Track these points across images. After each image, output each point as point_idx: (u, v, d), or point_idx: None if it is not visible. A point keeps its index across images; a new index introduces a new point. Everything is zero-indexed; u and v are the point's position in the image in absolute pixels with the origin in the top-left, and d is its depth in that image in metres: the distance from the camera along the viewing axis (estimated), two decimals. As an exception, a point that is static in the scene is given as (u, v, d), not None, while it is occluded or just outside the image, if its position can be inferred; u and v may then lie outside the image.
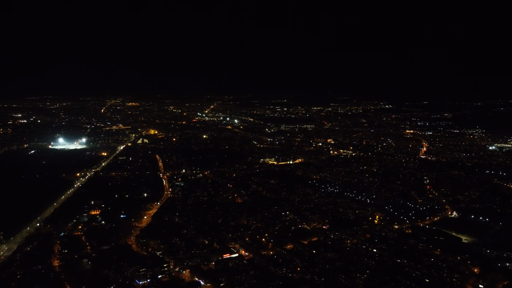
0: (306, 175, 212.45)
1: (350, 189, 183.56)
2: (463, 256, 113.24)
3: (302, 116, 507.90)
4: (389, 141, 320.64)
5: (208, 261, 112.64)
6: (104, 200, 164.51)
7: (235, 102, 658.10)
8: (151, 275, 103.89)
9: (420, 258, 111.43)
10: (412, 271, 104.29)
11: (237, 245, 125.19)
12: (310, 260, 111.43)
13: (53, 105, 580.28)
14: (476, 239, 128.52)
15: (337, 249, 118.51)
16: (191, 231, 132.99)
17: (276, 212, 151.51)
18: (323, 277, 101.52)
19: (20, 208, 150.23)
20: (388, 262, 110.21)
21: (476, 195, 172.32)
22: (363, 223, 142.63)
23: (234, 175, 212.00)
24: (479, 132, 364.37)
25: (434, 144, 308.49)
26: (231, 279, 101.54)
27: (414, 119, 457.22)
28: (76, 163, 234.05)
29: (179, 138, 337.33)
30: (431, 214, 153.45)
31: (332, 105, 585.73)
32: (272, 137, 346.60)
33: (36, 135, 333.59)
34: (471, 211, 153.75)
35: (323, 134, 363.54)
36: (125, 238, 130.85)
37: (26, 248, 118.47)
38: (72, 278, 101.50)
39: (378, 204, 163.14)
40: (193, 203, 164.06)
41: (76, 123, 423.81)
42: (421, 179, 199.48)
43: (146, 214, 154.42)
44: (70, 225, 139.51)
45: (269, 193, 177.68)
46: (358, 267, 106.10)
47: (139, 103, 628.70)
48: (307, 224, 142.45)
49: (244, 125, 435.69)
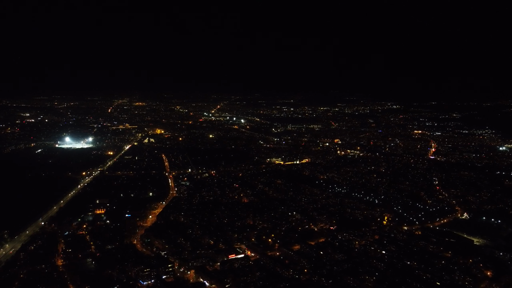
0: (313, 175, 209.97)
1: (358, 189, 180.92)
2: (475, 258, 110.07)
3: (309, 116, 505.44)
4: (397, 142, 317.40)
5: (213, 261, 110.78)
6: (109, 199, 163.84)
7: (241, 102, 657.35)
8: (156, 275, 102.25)
9: (431, 260, 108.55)
10: (423, 274, 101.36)
11: (243, 245, 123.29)
12: (318, 262, 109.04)
13: (61, 104, 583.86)
14: (488, 241, 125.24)
15: (345, 251, 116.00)
16: (197, 231, 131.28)
17: (283, 212, 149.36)
18: (331, 279, 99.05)
19: (25, 207, 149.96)
20: (398, 264, 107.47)
21: (487, 196, 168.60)
22: (371, 224, 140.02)
23: (240, 175, 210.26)
24: (488, 132, 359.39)
25: (443, 144, 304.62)
26: (237, 280, 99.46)
27: (422, 119, 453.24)
28: (82, 162, 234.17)
29: (185, 137, 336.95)
30: (441, 216, 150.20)
31: (339, 105, 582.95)
32: (279, 137, 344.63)
33: (43, 134, 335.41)
34: (482, 213, 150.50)
35: (330, 134, 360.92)
36: (130, 237, 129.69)
37: (30, 247, 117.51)
38: (75, 278, 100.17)
39: (386, 204, 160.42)
40: (198, 202, 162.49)
41: (83, 122, 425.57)
42: (430, 180, 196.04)
43: (151, 213, 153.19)
44: (75, 224, 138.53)
45: (275, 193, 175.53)
46: (367, 269, 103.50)
47: (146, 103, 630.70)
48: (314, 225, 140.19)
49: (250, 125, 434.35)
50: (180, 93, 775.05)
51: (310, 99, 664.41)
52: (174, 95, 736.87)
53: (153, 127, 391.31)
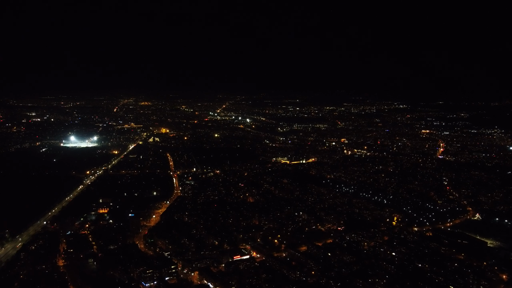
0: (320, 174, 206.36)
1: (366, 189, 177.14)
2: (489, 261, 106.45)
3: (315, 116, 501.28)
4: (404, 141, 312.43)
5: (218, 262, 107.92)
6: (112, 198, 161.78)
7: (247, 101, 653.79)
8: (158, 276, 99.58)
9: (443, 263, 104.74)
10: (435, 277, 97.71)
11: (249, 246, 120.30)
12: (326, 263, 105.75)
13: (67, 104, 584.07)
14: (502, 243, 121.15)
15: (353, 252, 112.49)
16: (201, 231, 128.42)
17: (289, 212, 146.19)
18: (340, 281, 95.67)
19: (28, 206, 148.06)
20: (409, 267, 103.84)
21: (500, 197, 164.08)
22: (380, 225, 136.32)
23: (245, 174, 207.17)
24: (498, 132, 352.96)
25: (452, 144, 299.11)
26: (242, 282, 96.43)
27: (430, 119, 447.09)
28: (87, 161, 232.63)
29: (191, 137, 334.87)
30: (452, 216, 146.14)
31: (345, 105, 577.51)
32: (285, 136, 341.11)
33: (49, 133, 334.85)
34: (495, 214, 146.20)
35: (336, 134, 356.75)
36: (132, 237, 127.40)
37: (31, 246, 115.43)
38: (76, 279, 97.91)
39: (396, 204, 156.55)
40: (203, 202, 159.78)
41: (89, 121, 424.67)
42: (440, 180, 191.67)
43: (155, 213, 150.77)
44: (78, 224, 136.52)
45: (281, 193, 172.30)
46: (377, 272, 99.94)
47: (151, 102, 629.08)
48: (322, 225, 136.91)
49: (256, 124, 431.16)
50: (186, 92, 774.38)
51: (316, 98, 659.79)
52: (180, 95, 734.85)
53: (158, 126, 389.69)
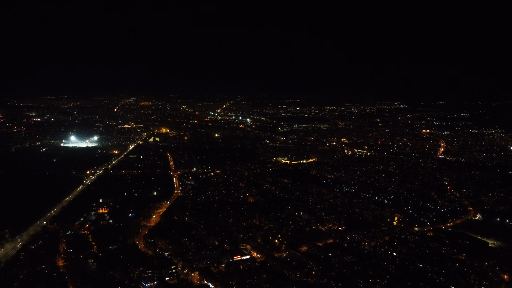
0: (321, 174, 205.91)
1: (367, 189, 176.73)
2: (491, 261, 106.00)
3: (315, 116, 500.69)
4: (405, 141, 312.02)
5: (218, 263, 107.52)
6: (113, 198, 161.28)
7: (247, 101, 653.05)
8: (158, 277, 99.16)
9: (444, 263, 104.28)
10: (436, 277, 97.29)
11: (249, 246, 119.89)
12: (326, 264, 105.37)
13: (68, 104, 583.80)
14: (503, 244, 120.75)
15: (354, 252, 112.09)
16: (201, 231, 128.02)
17: (290, 212, 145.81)
18: (340, 282, 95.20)
19: (28, 206, 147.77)
20: (410, 267, 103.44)
21: (501, 197, 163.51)
22: (381, 225, 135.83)
23: (246, 174, 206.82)
24: (498, 132, 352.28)
25: (452, 144, 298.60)
26: (242, 282, 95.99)
27: (430, 118, 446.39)
28: (87, 161, 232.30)
29: (191, 136, 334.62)
30: (453, 216, 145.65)
31: (345, 104, 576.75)
32: (285, 136, 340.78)
33: (49, 133, 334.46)
34: (496, 214, 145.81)
35: (337, 134, 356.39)
36: (132, 237, 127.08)
37: (31, 246, 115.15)
38: (76, 279, 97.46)
39: (396, 204, 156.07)
40: (203, 202, 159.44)
41: (89, 121, 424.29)
42: (441, 180, 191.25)
43: (155, 213, 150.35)
44: (77, 224, 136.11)
45: (282, 193, 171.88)
46: (378, 272, 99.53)
47: (152, 102, 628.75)
48: (322, 225, 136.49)
49: (256, 124, 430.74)
50: (186, 92, 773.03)
51: (316, 98, 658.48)
52: (180, 95, 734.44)
53: (158, 126, 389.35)
